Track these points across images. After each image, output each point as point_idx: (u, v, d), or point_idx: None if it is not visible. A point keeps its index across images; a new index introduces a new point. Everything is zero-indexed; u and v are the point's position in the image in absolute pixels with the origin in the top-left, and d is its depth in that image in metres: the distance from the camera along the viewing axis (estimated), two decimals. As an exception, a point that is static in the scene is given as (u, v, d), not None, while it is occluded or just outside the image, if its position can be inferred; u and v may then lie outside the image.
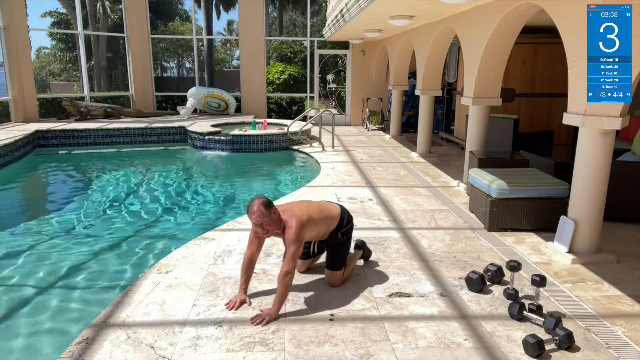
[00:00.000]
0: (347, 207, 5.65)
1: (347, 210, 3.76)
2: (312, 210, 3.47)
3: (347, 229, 3.70)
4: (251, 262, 3.42)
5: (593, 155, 4.04)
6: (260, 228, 3.23)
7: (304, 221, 3.30)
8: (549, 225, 4.73)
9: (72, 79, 29.92)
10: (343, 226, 3.64)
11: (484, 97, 6.29)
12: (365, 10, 7.09)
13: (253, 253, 3.42)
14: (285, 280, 3.19)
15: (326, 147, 9.95)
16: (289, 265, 3.19)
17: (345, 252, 3.74)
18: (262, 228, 3.22)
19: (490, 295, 3.53)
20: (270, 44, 21.96)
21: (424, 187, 6.75)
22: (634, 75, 3.47)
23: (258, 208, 3.16)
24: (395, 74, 11.38)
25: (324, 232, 3.57)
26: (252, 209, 3.17)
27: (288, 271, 3.19)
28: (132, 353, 2.78)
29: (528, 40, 8.46)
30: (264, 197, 3.25)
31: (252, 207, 3.17)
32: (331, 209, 3.64)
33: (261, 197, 3.25)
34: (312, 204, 3.64)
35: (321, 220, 3.48)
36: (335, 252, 3.68)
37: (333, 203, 3.78)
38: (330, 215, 3.57)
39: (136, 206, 6.60)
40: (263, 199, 3.22)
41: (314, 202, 3.73)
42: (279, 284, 3.21)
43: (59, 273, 4.36)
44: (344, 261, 3.71)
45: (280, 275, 3.21)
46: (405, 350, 2.83)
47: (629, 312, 3.31)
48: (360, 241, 4.16)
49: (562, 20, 4.29)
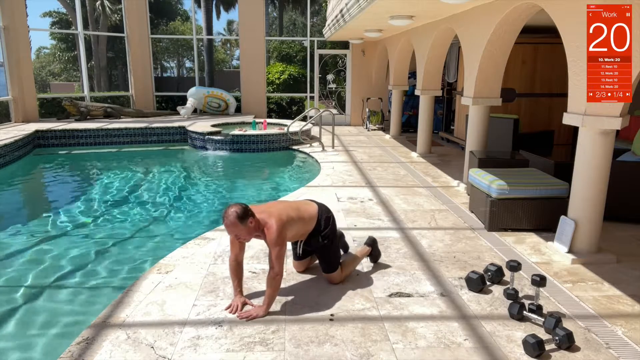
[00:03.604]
0: (347, 207, 5.70)
1: (326, 210, 3.64)
2: (290, 210, 3.40)
3: (328, 233, 3.57)
4: (238, 264, 3.37)
5: (593, 155, 4.04)
6: (237, 238, 3.19)
7: (283, 220, 3.23)
8: (549, 225, 4.73)
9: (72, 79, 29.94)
10: (322, 229, 3.53)
11: (484, 97, 6.29)
12: (365, 10, 7.09)
13: (237, 254, 3.36)
14: (274, 283, 3.20)
15: (326, 147, 9.95)
16: (276, 267, 3.17)
17: (334, 254, 3.69)
18: (239, 238, 3.18)
19: (490, 295, 3.53)
20: (270, 44, 21.98)
21: (424, 187, 6.75)
22: (634, 75, 3.47)
23: (233, 221, 3.04)
24: (395, 74, 11.38)
25: (303, 232, 3.50)
26: (227, 220, 3.06)
27: (277, 273, 3.18)
28: (132, 353, 2.78)
29: (528, 40, 8.46)
30: (239, 207, 3.10)
31: (227, 218, 3.06)
32: (308, 208, 3.55)
33: (237, 206, 3.10)
34: (290, 204, 3.59)
35: (299, 220, 3.41)
36: (323, 256, 3.65)
37: (312, 202, 3.67)
38: (307, 216, 3.48)
39: (136, 206, 6.60)
40: (238, 209, 3.08)
41: (292, 202, 3.70)
42: (267, 285, 3.21)
43: (58, 273, 4.36)
44: (337, 262, 3.69)
45: (268, 277, 3.20)
46: (405, 350, 2.83)
47: (629, 312, 3.31)
48: (371, 239, 4.09)
49: (562, 20, 4.30)
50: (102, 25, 25.70)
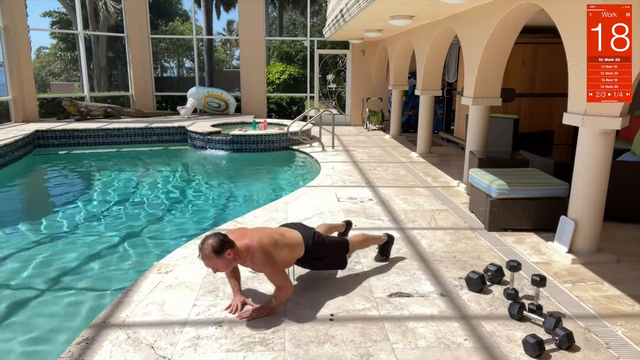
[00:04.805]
0: (347, 207, 5.70)
1: (309, 235, 3.48)
2: (275, 234, 3.30)
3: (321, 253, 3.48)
4: (233, 269, 3.34)
5: (593, 155, 4.04)
6: (214, 271, 3.07)
7: (266, 243, 3.13)
8: (549, 225, 4.73)
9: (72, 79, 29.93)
10: (312, 256, 3.44)
11: (484, 97, 6.29)
12: (365, 10, 7.09)
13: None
14: (280, 296, 3.20)
15: (326, 147, 9.95)
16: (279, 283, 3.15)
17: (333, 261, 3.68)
18: (216, 271, 3.06)
19: (490, 295, 3.53)
20: (270, 44, 21.97)
21: (424, 187, 6.75)
22: (634, 75, 3.47)
23: (208, 254, 2.90)
24: (395, 74, 11.38)
25: (290, 258, 3.36)
26: (203, 253, 2.92)
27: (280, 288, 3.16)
28: (132, 353, 2.78)
29: (528, 40, 8.45)
30: (215, 239, 2.92)
31: (204, 252, 2.91)
32: (292, 235, 3.40)
33: (213, 239, 2.92)
34: (273, 229, 3.49)
35: (285, 246, 3.27)
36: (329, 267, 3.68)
37: (292, 230, 3.50)
38: (293, 243, 3.35)
39: (136, 206, 6.60)
40: (214, 242, 2.90)
41: (274, 228, 3.58)
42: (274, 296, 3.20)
43: (58, 273, 4.36)
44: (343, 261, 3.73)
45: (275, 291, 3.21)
46: (405, 350, 2.83)
47: (629, 312, 3.31)
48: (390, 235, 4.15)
49: (562, 20, 4.30)
50: (102, 25, 25.69)
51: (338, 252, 3.72)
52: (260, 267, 3.16)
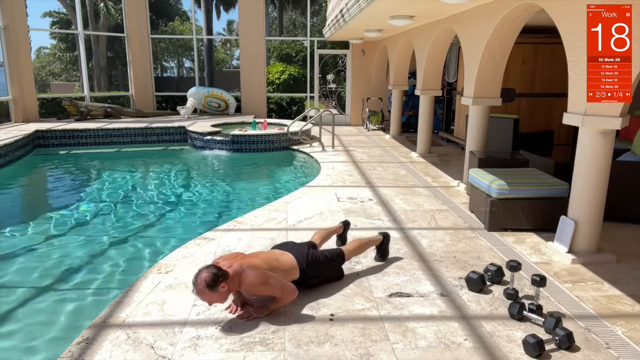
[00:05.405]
0: (347, 207, 5.70)
1: (303, 255, 3.48)
2: (270, 259, 3.30)
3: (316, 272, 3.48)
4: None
5: (593, 156, 4.04)
6: (210, 305, 3.08)
7: (260, 265, 3.14)
8: (549, 225, 4.73)
9: (72, 79, 29.94)
10: (309, 276, 3.44)
11: (484, 97, 6.29)
12: (365, 10, 7.09)
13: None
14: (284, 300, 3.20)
15: (326, 147, 9.95)
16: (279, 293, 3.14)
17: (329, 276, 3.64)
18: (212, 305, 3.08)
19: (490, 295, 3.53)
20: (270, 44, 21.97)
21: (424, 187, 6.75)
22: (634, 75, 3.47)
23: (202, 289, 2.88)
24: (395, 74, 11.37)
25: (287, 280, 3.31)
26: (196, 288, 2.90)
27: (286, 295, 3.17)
28: (132, 353, 2.78)
29: (528, 40, 8.46)
30: (208, 273, 2.89)
31: (197, 287, 2.89)
32: (287, 259, 3.40)
33: (206, 273, 2.90)
34: (268, 254, 3.47)
35: (280, 270, 3.26)
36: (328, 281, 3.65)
37: (285, 252, 3.48)
38: (288, 267, 3.34)
39: (136, 206, 6.60)
40: (207, 277, 2.88)
41: (269, 252, 3.57)
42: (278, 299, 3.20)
43: (58, 273, 4.37)
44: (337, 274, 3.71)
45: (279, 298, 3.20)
46: (405, 350, 2.83)
47: (629, 312, 3.31)
48: (385, 234, 4.14)
49: (562, 20, 4.30)
50: (102, 25, 25.71)
51: (333, 266, 3.69)
52: (257, 287, 3.10)
